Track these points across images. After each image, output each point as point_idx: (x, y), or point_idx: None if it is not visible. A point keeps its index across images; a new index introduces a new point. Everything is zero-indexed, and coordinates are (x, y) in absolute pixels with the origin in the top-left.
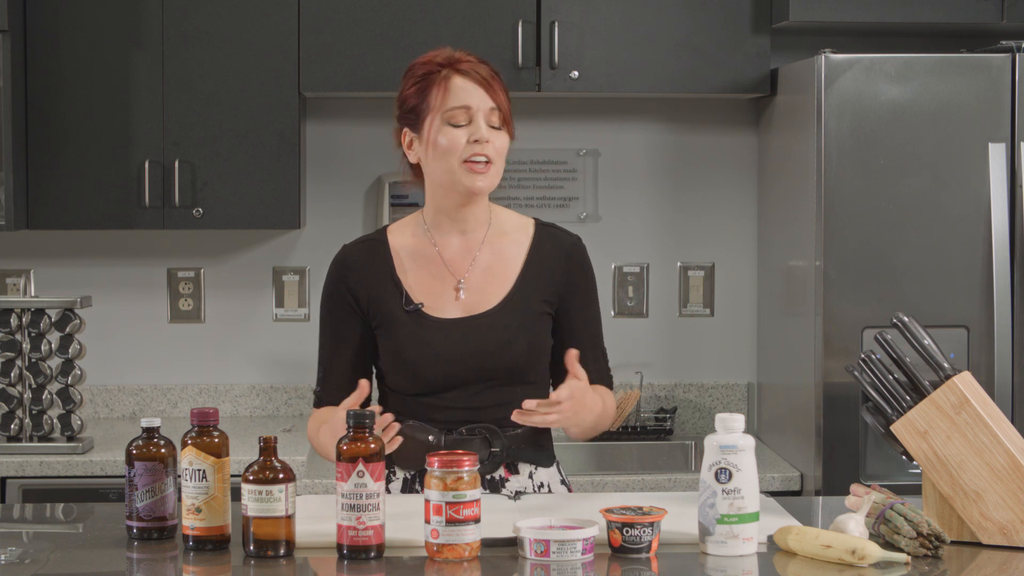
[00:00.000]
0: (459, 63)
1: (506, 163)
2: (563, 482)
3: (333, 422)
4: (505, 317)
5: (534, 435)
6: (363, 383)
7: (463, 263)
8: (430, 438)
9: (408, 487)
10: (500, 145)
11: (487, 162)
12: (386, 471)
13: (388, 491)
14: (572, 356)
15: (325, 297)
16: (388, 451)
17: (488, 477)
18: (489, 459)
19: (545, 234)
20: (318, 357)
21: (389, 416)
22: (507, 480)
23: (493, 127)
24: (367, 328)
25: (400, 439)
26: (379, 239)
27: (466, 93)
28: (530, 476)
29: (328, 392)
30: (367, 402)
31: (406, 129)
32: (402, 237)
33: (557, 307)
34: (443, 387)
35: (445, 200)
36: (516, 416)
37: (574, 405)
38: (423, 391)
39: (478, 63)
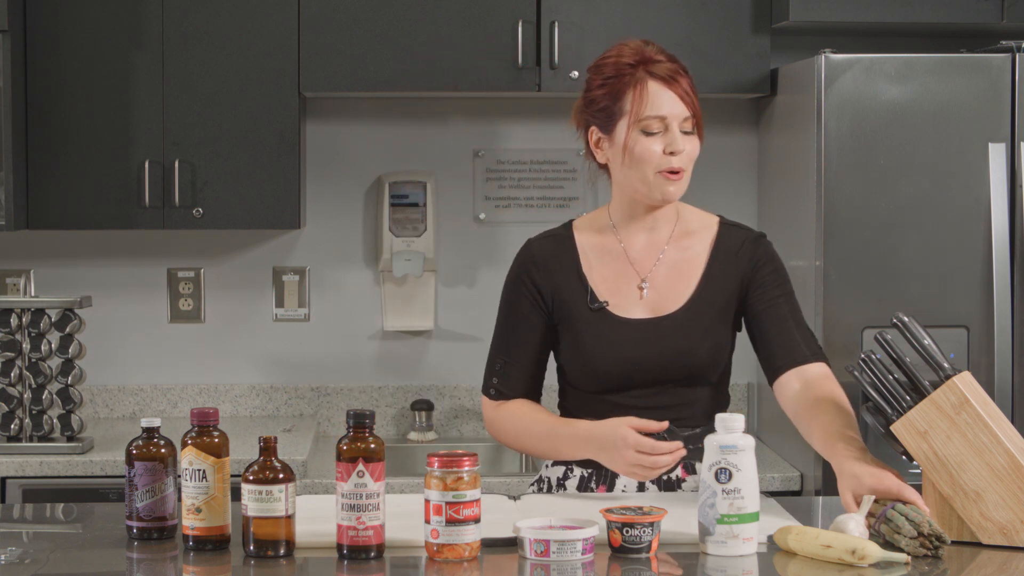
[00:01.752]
0: (651, 63)
1: (507, 163)
2: None
3: (559, 432)
4: (690, 320)
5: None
6: (663, 424)
7: (648, 261)
8: None
9: (583, 486)
10: (691, 151)
11: (682, 172)
12: (564, 467)
13: (564, 488)
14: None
15: (509, 289)
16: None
17: (664, 477)
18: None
19: (728, 231)
20: (493, 347)
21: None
22: (684, 480)
23: (686, 133)
24: (550, 323)
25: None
26: (565, 234)
27: (661, 101)
28: None
29: (508, 385)
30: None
31: (594, 128)
32: (588, 233)
33: (745, 300)
34: (624, 386)
35: (635, 202)
36: None
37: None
38: (604, 389)
39: (667, 62)
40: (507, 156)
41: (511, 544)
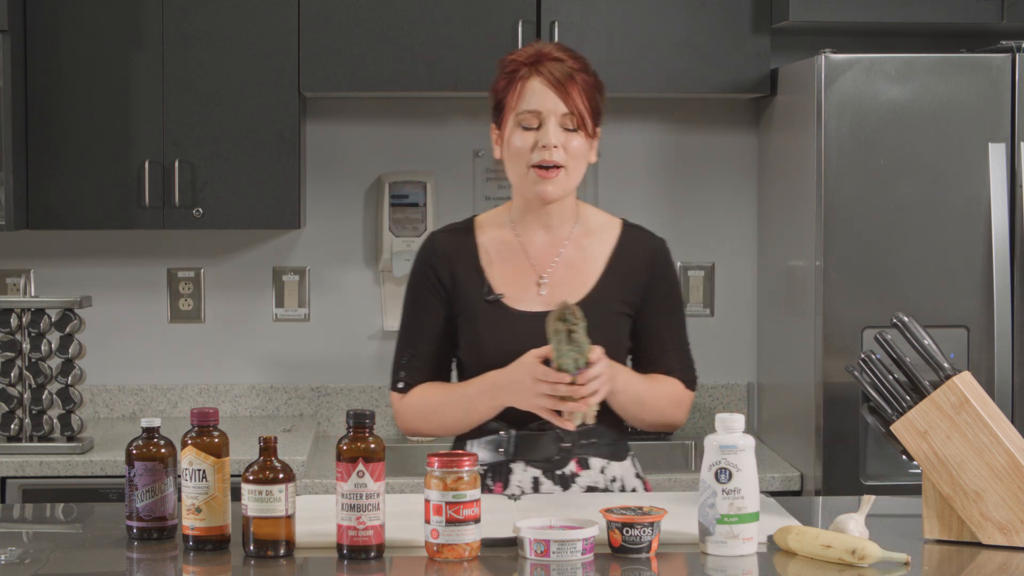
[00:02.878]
0: (541, 63)
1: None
2: (638, 475)
3: (471, 391)
4: (585, 315)
5: (606, 430)
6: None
7: (547, 258)
8: (501, 432)
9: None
10: (575, 148)
11: (556, 167)
12: None
13: None
14: None
15: (412, 282)
16: None
17: (559, 473)
18: (560, 454)
19: (630, 235)
20: (399, 342)
21: None
22: (578, 475)
23: (568, 130)
24: (451, 315)
25: None
26: (466, 228)
27: (538, 97)
28: (602, 471)
29: (415, 376)
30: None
31: (493, 124)
32: (488, 228)
33: (639, 309)
34: None
35: (528, 199)
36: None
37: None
38: None
39: (558, 63)
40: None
41: (511, 544)
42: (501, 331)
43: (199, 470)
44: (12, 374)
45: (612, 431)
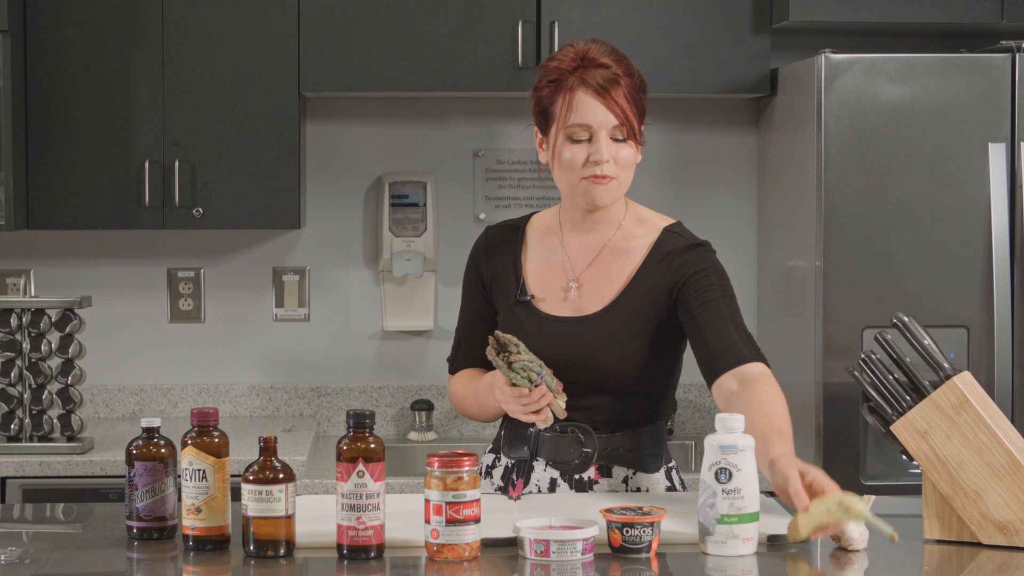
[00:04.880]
0: (588, 68)
1: (507, 163)
2: (672, 488)
3: (478, 387)
4: (604, 324)
5: (637, 440)
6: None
7: (583, 262)
8: (529, 429)
9: (507, 476)
10: (624, 158)
11: (609, 178)
12: (494, 456)
13: (491, 476)
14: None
15: (465, 273)
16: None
17: (577, 477)
18: (580, 459)
19: (668, 239)
20: (457, 325)
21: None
22: (596, 482)
23: (617, 140)
24: (494, 309)
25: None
26: (517, 226)
27: (587, 110)
28: (624, 480)
29: (462, 360)
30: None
31: (536, 128)
32: (538, 228)
33: (674, 309)
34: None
35: (574, 203)
36: None
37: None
38: None
39: (603, 70)
40: (507, 156)
41: (511, 544)
42: (528, 333)
43: (199, 470)
44: (12, 374)
45: (644, 441)
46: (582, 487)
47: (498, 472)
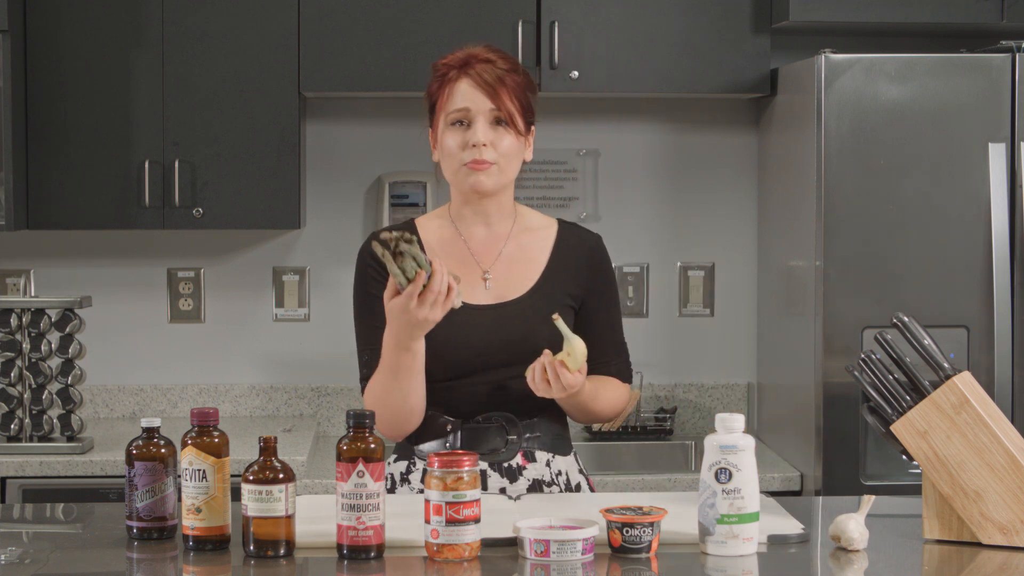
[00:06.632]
0: (470, 65)
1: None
2: (581, 471)
3: (385, 355)
4: (532, 306)
5: (551, 424)
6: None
7: (489, 254)
8: (448, 427)
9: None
10: (506, 147)
11: (488, 163)
12: (407, 462)
13: (408, 481)
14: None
15: (358, 282)
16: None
17: (506, 465)
18: (506, 447)
19: (568, 232)
20: (358, 343)
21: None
22: (524, 468)
23: (498, 127)
24: None
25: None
26: (408, 227)
27: (465, 95)
28: (547, 464)
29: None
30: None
31: (429, 128)
32: (431, 228)
33: (581, 303)
34: (467, 372)
35: (465, 195)
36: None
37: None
38: (449, 376)
39: (488, 64)
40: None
41: (511, 544)
42: (456, 324)
43: (199, 470)
44: (12, 374)
45: (556, 425)
46: (512, 475)
47: (416, 476)
